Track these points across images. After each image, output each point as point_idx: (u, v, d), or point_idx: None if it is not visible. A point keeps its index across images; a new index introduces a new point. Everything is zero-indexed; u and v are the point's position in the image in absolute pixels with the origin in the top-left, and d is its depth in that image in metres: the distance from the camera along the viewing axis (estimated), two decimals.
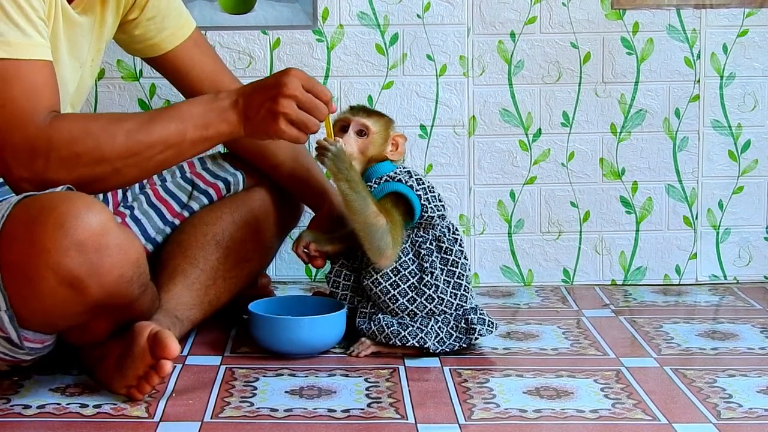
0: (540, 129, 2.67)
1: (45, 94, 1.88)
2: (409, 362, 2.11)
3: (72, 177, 1.86)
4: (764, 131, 2.69)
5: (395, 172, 2.15)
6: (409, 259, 2.13)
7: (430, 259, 2.14)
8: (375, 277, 2.13)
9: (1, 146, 1.85)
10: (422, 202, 2.13)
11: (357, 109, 2.20)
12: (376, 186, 2.13)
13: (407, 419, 1.84)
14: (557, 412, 1.86)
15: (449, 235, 2.17)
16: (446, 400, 1.92)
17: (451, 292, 2.16)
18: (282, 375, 2.05)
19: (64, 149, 1.86)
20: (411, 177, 2.15)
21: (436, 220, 2.15)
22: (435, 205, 2.14)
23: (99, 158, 1.88)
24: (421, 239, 2.15)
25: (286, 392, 1.96)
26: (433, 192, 2.16)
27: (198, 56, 2.29)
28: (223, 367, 2.09)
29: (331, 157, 2.06)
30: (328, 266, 2.28)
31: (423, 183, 2.15)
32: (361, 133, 2.16)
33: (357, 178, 2.08)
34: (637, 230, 2.71)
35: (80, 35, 2.04)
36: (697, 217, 2.71)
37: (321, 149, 2.07)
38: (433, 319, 2.14)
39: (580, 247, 2.71)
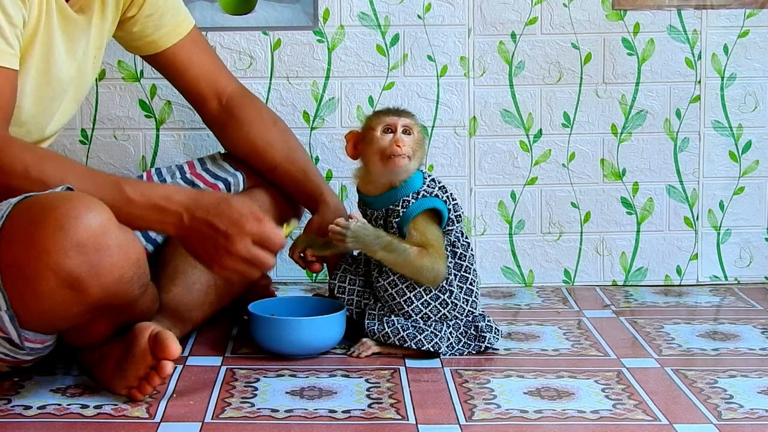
0: (541, 130, 2.67)
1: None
2: (409, 363, 2.11)
3: None
4: (765, 132, 2.69)
5: (429, 186, 2.14)
6: None
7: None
8: (392, 278, 2.13)
9: None
10: (450, 216, 2.13)
11: (395, 111, 2.15)
12: (414, 201, 2.12)
13: (408, 420, 1.84)
14: (558, 413, 1.86)
15: (462, 240, 2.17)
16: (447, 401, 1.92)
17: (463, 299, 2.16)
18: (283, 376, 2.05)
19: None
20: (443, 192, 2.14)
21: (453, 227, 2.15)
22: (457, 215, 2.14)
23: None
24: None
25: (286, 393, 1.96)
26: (455, 199, 2.15)
27: (196, 54, 2.29)
28: (223, 368, 2.09)
29: (352, 238, 2.07)
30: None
31: (446, 191, 2.14)
32: (407, 132, 2.13)
33: (386, 239, 2.08)
34: (638, 231, 2.71)
35: (79, 32, 2.05)
36: (697, 218, 2.71)
37: (337, 236, 2.08)
38: (445, 324, 2.14)
39: (580, 248, 2.71)
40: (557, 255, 2.71)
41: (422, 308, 2.13)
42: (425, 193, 2.13)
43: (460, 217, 2.15)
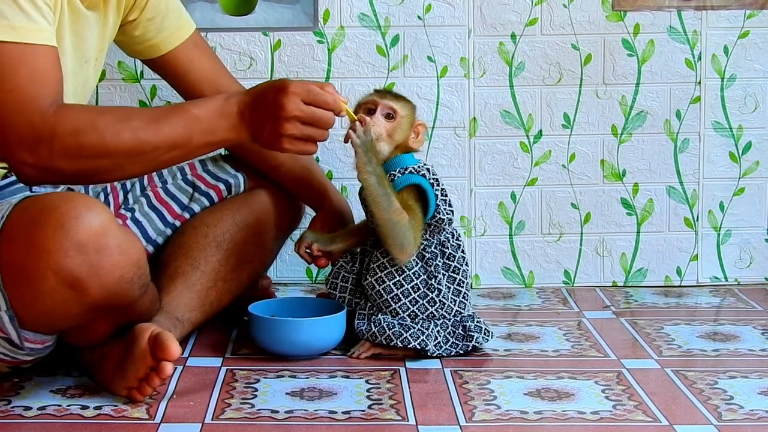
0: (541, 130, 2.67)
1: (49, 79, 1.87)
2: (409, 364, 2.11)
3: (74, 167, 1.85)
4: (765, 133, 2.69)
5: (419, 166, 2.14)
6: (413, 261, 2.13)
7: (434, 262, 2.14)
8: (379, 275, 2.13)
9: (5, 131, 1.83)
10: (437, 202, 2.12)
11: (384, 93, 2.18)
12: (399, 175, 2.12)
13: (408, 420, 1.84)
14: (558, 414, 1.86)
15: (453, 241, 2.17)
16: (447, 402, 1.92)
17: (451, 298, 2.15)
18: (283, 376, 2.05)
19: (68, 139, 1.84)
20: (438, 184, 2.13)
21: (444, 224, 2.15)
22: (446, 209, 2.14)
23: (103, 153, 1.87)
24: (426, 242, 2.14)
25: (286, 394, 1.96)
26: (446, 196, 2.15)
27: (197, 58, 2.30)
28: (223, 369, 2.09)
29: (365, 144, 2.04)
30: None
31: (440, 185, 2.15)
32: (389, 116, 2.13)
33: (382, 173, 2.07)
34: (638, 232, 2.71)
35: (86, 29, 2.05)
36: (698, 219, 2.71)
37: (355, 131, 2.04)
38: (432, 322, 2.14)
39: (581, 249, 2.71)
40: (557, 256, 2.71)
41: (410, 305, 2.13)
42: (413, 170, 2.12)
43: (449, 210, 2.14)
